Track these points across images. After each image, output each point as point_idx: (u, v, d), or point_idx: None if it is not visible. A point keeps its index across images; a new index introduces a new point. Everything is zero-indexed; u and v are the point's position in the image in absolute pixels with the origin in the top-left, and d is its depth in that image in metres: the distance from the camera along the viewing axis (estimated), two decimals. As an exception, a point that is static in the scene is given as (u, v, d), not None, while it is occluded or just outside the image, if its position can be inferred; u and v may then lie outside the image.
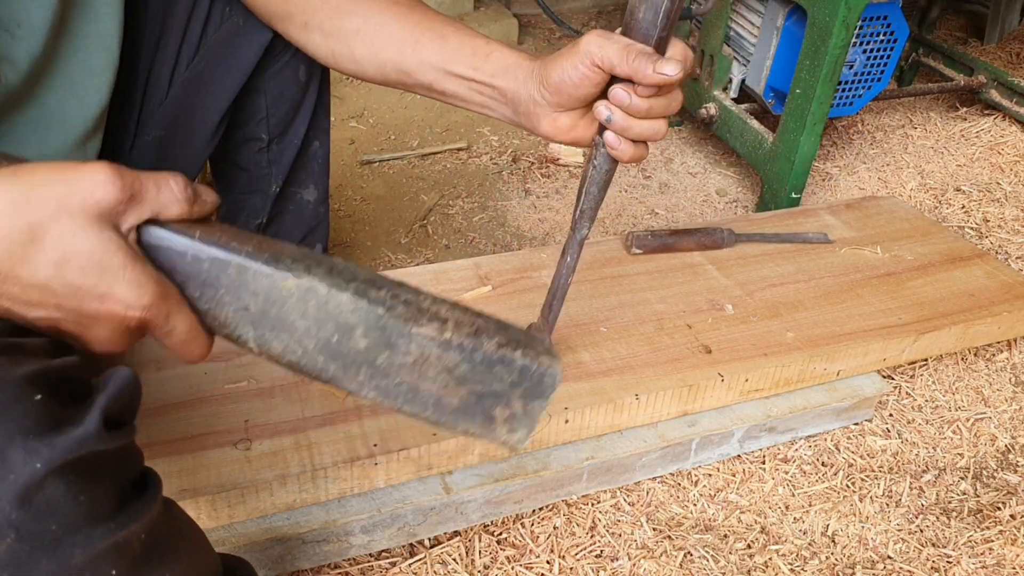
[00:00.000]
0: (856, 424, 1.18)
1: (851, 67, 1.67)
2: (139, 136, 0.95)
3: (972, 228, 1.69)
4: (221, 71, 0.98)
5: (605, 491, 1.05)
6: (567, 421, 0.94)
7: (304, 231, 1.17)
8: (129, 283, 0.49)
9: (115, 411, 0.49)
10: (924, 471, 1.13)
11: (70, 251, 0.48)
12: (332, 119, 2.01)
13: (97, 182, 0.48)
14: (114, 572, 0.47)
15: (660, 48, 0.73)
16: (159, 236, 0.53)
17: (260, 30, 0.97)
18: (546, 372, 0.56)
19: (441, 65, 0.84)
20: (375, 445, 0.87)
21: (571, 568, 0.96)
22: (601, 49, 0.72)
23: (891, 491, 1.09)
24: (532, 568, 0.96)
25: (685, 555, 0.99)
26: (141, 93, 0.94)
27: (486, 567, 0.96)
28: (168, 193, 0.52)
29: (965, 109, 2.17)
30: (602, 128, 0.77)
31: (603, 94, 0.76)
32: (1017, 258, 1.60)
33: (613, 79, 0.75)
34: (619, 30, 0.75)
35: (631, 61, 0.71)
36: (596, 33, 0.74)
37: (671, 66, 0.70)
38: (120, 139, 0.94)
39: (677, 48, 0.75)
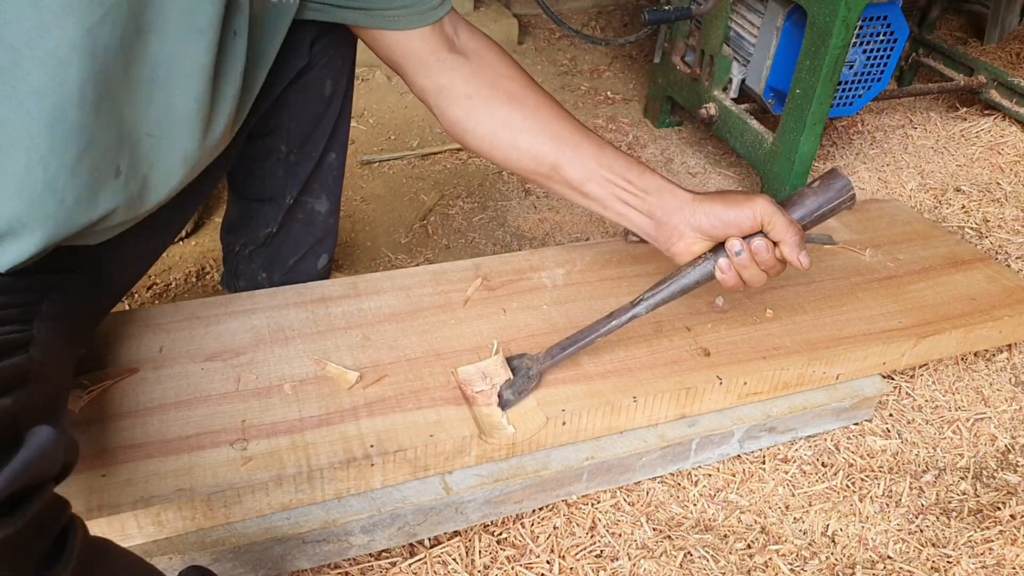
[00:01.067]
0: (856, 424, 1.18)
1: (851, 67, 1.66)
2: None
3: (972, 228, 1.69)
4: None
5: (605, 491, 1.05)
6: (564, 423, 0.94)
7: (312, 241, 1.17)
8: None
9: (23, 485, 0.48)
10: (924, 471, 1.13)
11: None
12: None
13: None
14: None
15: (805, 230, 0.90)
16: None
17: (300, 56, 0.99)
18: None
19: (597, 169, 0.92)
20: (371, 446, 0.87)
21: (571, 568, 0.96)
22: (772, 218, 0.86)
23: (891, 491, 1.09)
24: (532, 568, 0.96)
25: (685, 555, 0.98)
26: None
27: (486, 567, 0.96)
28: None
29: (965, 109, 2.17)
30: (718, 251, 0.90)
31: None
32: (1017, 258, 1.59)
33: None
34: (785, 200, 0.91)
35: (789, 237, 0.87)
36: (769, 200, 0.87)
37: (807, 260, 0.88)
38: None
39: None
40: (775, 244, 0.88)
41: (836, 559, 1.00)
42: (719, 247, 0.90)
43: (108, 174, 0.70)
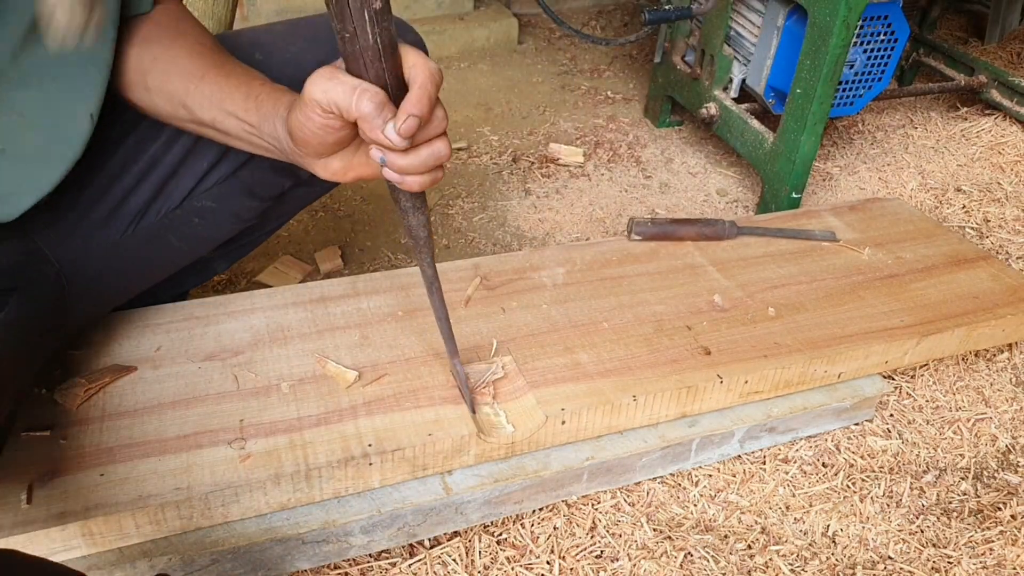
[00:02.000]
0: (857, 424, 1.18)
1: (852, 67, 1.66)
2: (191, 197, 0.94)
3: (973, 228, 1.69)
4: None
5: (605, 491, 1.05)
6: (564, 422, 0.94)
7: (190, 284, 1.16)
8: None
9: None
10: (925, 471, 1.12)
11: None
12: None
13: None
14: None
15: (388, 77, 0.65)
16: None
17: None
18: None
19: (220, 102, 0.79)
20: (370, 445, 0.86)
21: (571, 568, 0.96)
22: (325, 94, 0.65)
23: (892, 491, 1.09)
24: (532, 568, 0.96)
25: (685, 556, 0.98)
26: (212, 162, 0.94)
27: (486, 567, 0.96)
28: None
29: (966, 109, 2.17)
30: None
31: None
32: (1018, 258, 1.59)
33: None
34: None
35: (360, 107, 0.64)
36: (319, 73, 0.66)
37: (396, 137, 0.65)
38: (171, 193, 0.92)
39: (416, 94, 0.65)
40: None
41: (837, 559, 1.00)
42: None
43: None
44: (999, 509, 1.07)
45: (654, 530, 1.01)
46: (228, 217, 0.98)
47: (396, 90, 0.66)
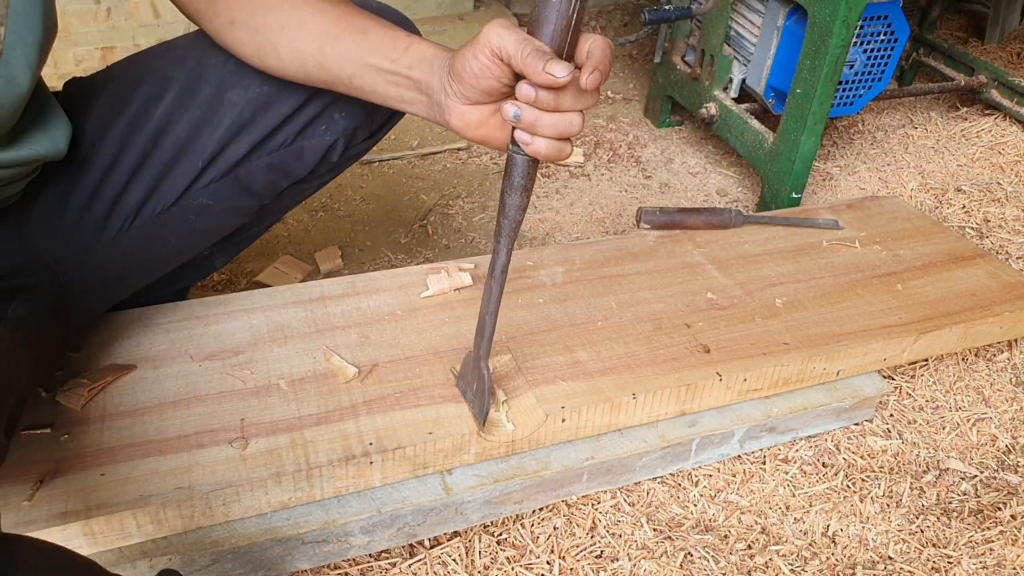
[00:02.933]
0: (857, 424, 1.18)
1: (852, 67, 1.66)
2: (183, 198, 0.94)
3: (973, 228, 1.69)
4: (292, 172, 0.99)
5: (605, 491, 1.05)
6: (564, 420, 0.94)
7: (189, 280, 1.16)
8: None
9: None
10: (925, 471, 1.12)
11: None
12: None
13: None
14: None
15: (563, 45, 0.69)
16: None
17: (330, 154, 0.98)
18: None
19: (360, 58, 0.82)
20: (370, 444, 0.86)
21: (571, 569, 0.96)
22: (499, 38, 0.69)
23: (892, 491, 1.09)
24: (532, 569, 0.96)
25: (685, 556, 0.98)
26: (204, 164, 0.93)
27: (486, 567, 0.96)
28: None
29: (966, 109, 2.17)
30: (515, 128, 0.73)
31: (511, 92, 0.73)
32: (1018, 258, 1.59)
33: (520, 77, 0.71)
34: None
35: (524, 56, 0.68)
36: (498, 22, 0.71)
37: (560, 67, 0.67)
38: (164, 194, 0.92)
39: (587, 45, 0.70)
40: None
41: (837, 559, 1.00)
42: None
43: None
44: (999, 509, 1.07)
45: (654, 530, 1.01)
46: (225, 214, 0.98)
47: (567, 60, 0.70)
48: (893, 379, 1.27)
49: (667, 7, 1.80)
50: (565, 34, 0.69)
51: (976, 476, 1.12)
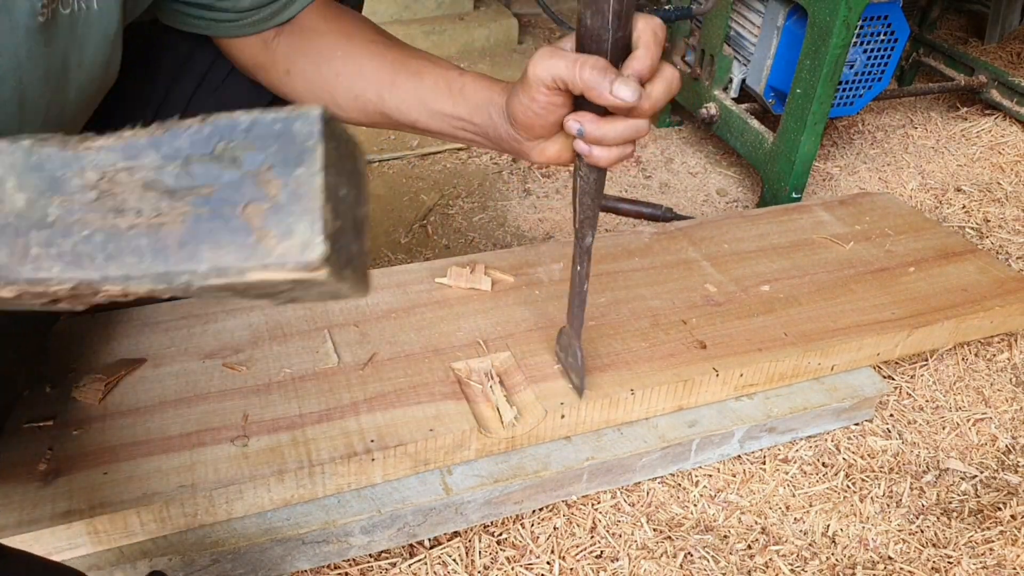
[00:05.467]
0: (856, 424, 1.18)
1: (852, 67, 1.66)
2: None
3: (973, 228, 1.69)
4: (241, 101, 0.97)
5: (605, 491, 1.05)
6: (563, 416, 0.94)
7: None
8: None
9: None
10: (925, 471, 1.12)
11: None
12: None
13: None
14: None
15: (616, 53, 0.66)
16: None
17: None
18: (292, 120, 0.36)
19: (420, 103, 0.81)
20: (372, 441, 0.87)
21: (571, 569, 0.96)
22: (548, 70, 0.66)
23: (892, 491, 1.09)
24: (532, 569, 0.96)
25: (685, 556, 0.98)
26: (154, 112, 0.93)
27: (486, 568, 0.96)
28: None
29: (966, 109, 2.17)
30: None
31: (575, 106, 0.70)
32: (1018, 258, 1.59)
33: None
34: (569, 42, 0.68)
35: (583, 76, 0.64)
36: (542, 52, 0.67)
37: (627, 90, 0.63)
38: None
39: (640, 53, 0.66)
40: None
41: (837, 559, 1.00)
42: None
43: None
44: (999, 509, 1.07)
45: (654, 530, 1.01)
46: None
47: (621, 56, 0.66)
48: (893, 379, 1.27)
49: (667, 7, 1.80)
50: (619, 43, 0.66)
51: (976, 476, 1.12)
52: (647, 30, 0.66)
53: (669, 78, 0.68)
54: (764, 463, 1.11)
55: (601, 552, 0.98)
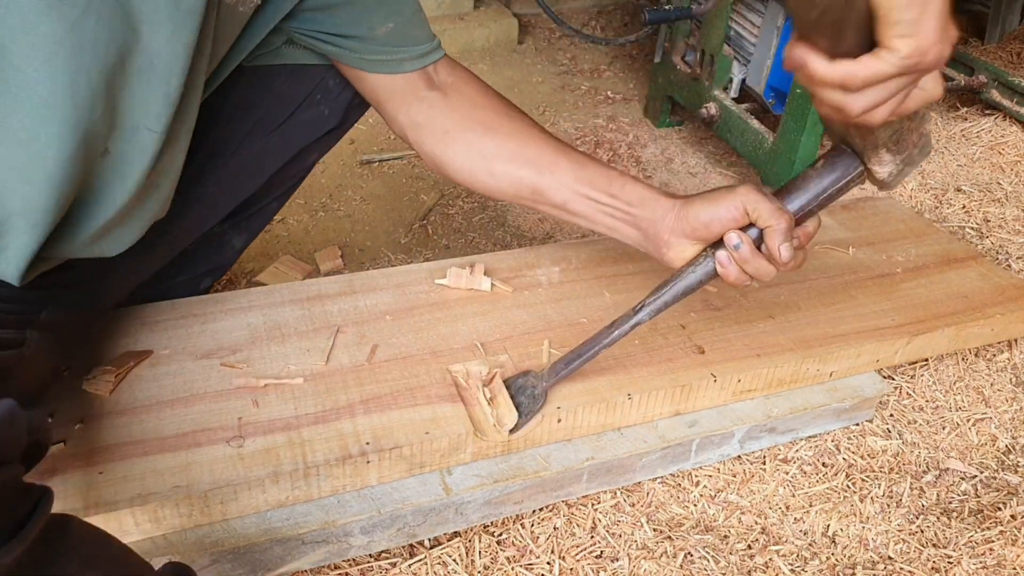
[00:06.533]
0: (857, 424, 1.18)
1: (851, 66, 1.66)
2: (193, 186, 0.95)
3: (973, 228, 1.68)
4: (286, 148, 1.02)
5: (605, 492, 1.05)
6: (560, 420, 0.94)
7: (209, 266, 1.16)
8: None
9: None
10: (925, 471, 1.12)
11: None
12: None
13: None
14: None
15: (801, 219, 0.82)
16: None
17: (331, 120, 1.02)
18: None
19: (577, 187, 0.91)
20: (367, 443, 0.86)
21: (571, 569, 0.96)
22: (755, 204, 0.80)
23: (892, 491, 1.09)
24: (532, 569, 0.96)
25: (686, 556, 0.98)
26: (208, 153, 0.96)
27: (486, 568, 0.96)
28: None
29: (966, 109, 2.17)
30: (717, 246, 0.85)
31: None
32: (1018, 258, 1.59)
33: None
34: (774, 189, 0.85)
35: (775, 224, 0.79)
36: (753, 186, 0.82)
37: (788, 254, 0.80)
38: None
39: (808, 231, 0.83)
40: None
41: (837, 559, 0.99)
42: (720, 243, 0.85)
43: (106, 169, 0.70)
44: (999, 509, 1.06)
45: (654, 530, 1.01)
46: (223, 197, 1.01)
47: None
48: (893, 379, 1.27)
49: (667, 7, 1.80)
50: (807, 215, 0.83)
51: (976, 476, 1.12)
52: (814, 221, 0.84)
53: (801, 260, 0.84)
54: (764, 463, 1.11)
55: (601, 552, 0.98)
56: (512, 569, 0.95)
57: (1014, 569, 0.99)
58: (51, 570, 0.55)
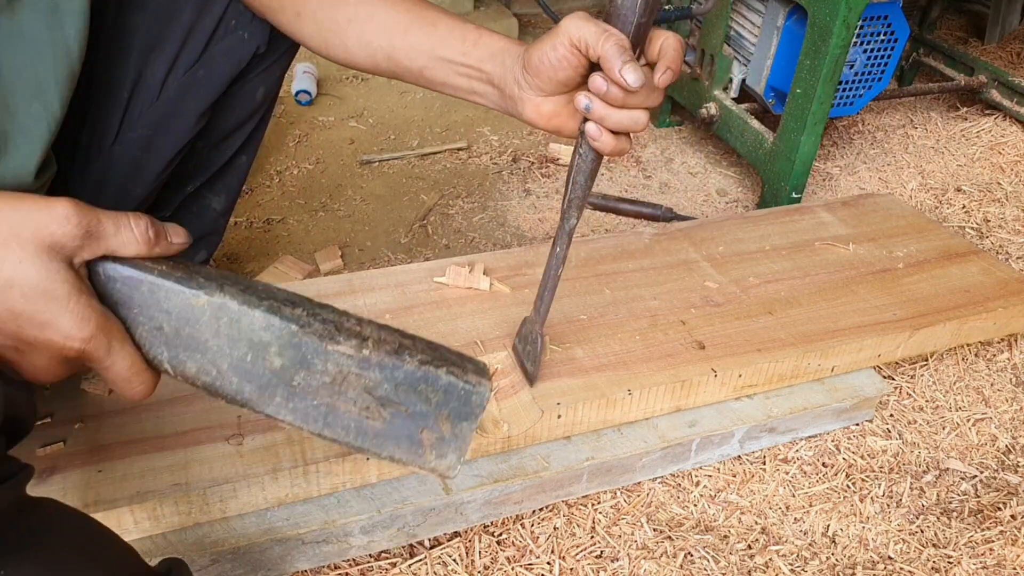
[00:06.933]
0: (857, 424, 1.18)
1: (851, 67, 1.66)
2: (123, 132, 0.94)
3: (973, 228, 1.68)
4: (213, 79, 0.99)
5: (605, 492, 1.05)
6: (560, 416, 0.94)
7: (196, 235, 1.14)
8: (72, 313, 0.50)
9: None
10: (925, 471, 1.12)
11: (15, 277, 0.49)
12: (332, 119, 2.01)
13: (54, 216, 0.50)
14: None
15: (638, 38, 0.73)
16: (112, 270, 0.53)
17: (252, 43, 0.99)
18: (473, 391, 0.55)
19: (431, 51, 0.84)
20: (369, 442, 0.86)
21: (571, 569, 0.96)
22: (579, 30, 0.72)
23: (892, 491, 1.08)
24: (532, 569, 0.96)
25: (686, 556, 0.98)
26: (129, 92, 0.94)
27: (486, 568, 0.95)
28: (127, 234, 0.54)
29: (966, 109, 2.17)
30: (585, 119, 0.77)
31: (584, 84, 0.76)
32: (1018, 258, 1.59)
33: (593, 68, 0.74)
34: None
35: (604, 47, 0.71)
36: (577, 15, 0.74)
37: (632, 74, 0.70)
38: (103, 134, 0.93)
39: (659, 43, 0.74)
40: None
41: (837, 559, 0.99)
42: (585, 119, 0.78)
43: None
44: (999, 509, 1.06)
45: (654, 530, 1.01)
46: (171, 137, 0.99)
47: (637, 46, 0.75)
48: (893, 379, 1.27)
49: (667, 7, 1.80)
50: (641, 29, 0.73)
51: (976, 476, 1.12)
52: (671, 39, 0.75)
53: (667, 82, 0.75)
54: (764, 463, 1.11)
55: (601, 552, 0.98)
56: (512, 569, 0.95)
57: (1014, 569, 0.99)
58: (10, 547, 0.53)
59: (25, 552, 0.53)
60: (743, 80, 1.75)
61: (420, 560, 0.95)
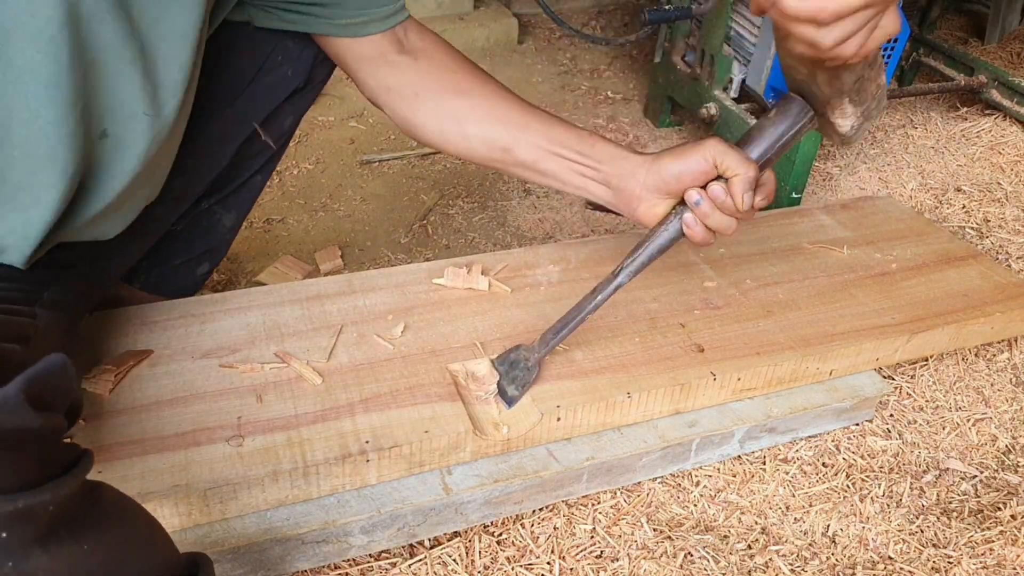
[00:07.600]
0: (857, 424, 1.18)
1: (851, 66, 1.66)
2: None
3: (973, 228, 1.68)
4: (250, 113, 1.02)
5: (605, 491, 1.04)
6: (559, 419, 0.94)
7: (203, 248, 1.16)
8: None
9: (38, 391, 0.50)
10: (925, 471, 1.12)
11: None
12: (332, 119, 2.01)
13: None
14: (4, 535, 0.48)
15: (763, 167, 0.85)
16: None
17: (294, 81, 1.02)
18: None
19: (547, 146, 0.92)
20: (367, 442, 0.86)
21: (571, 569, 0.96)
22: (724, 156, 0.83)
23: (892, 491, 1.08)
24: (532, 569, 0.95)
25: (686, 556, 0.98)
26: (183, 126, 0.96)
27: (486, 568, 0.95)
28: None
29: (966, 109, 2.17)
30: (684, 207, 0.87)
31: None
32: (1018, 258, 1.59)
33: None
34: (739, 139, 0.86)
35: (741, 176, 0.82)
36: (720, 139, 0.85)
37: (749, 198, 0.83)
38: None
39: (764, 175, 0.85)
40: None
41: (837, 559, 0.99)
42: (685, 208, 0.87)
43: (100, 144, 0.72)
44: (999, 509, 1.06)
45: (654, 530, 1.01)
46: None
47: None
48: (893, 379, 1.27)
49: (667, 7, 1.80)
50: (768, 164, 0.86)
51: (976, 476, 1.12)
52: (772, 176, 0.87)
53: (755, 210, 0.87)
54: (764, 463, 1.11)
55: (601, 552, 0.98)
56: (512, 569, 0.95)
57: (1014, 569, 0.99)
58: (88, 524, 0.55)
59: (99, 529, 0.55)
60: (743, 80, 1.75)
61: (420, 560, 0.95)
